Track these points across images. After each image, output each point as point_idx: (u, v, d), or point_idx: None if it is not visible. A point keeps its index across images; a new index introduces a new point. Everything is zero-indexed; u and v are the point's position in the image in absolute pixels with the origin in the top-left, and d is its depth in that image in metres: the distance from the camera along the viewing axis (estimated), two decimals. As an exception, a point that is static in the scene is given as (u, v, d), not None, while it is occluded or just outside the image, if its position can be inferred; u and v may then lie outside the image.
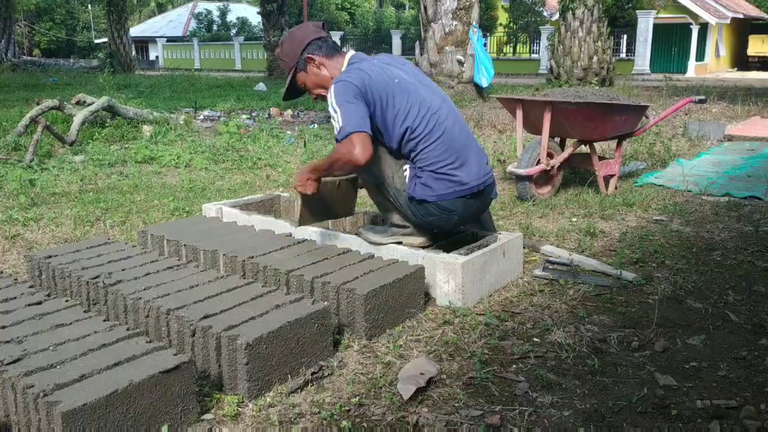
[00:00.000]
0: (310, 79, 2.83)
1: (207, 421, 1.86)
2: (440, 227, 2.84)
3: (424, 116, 2.68)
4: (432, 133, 2.68)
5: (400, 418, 1.88)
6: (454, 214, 2.76)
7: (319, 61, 2.80)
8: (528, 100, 4.69)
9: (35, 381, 1.68)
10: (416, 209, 2.76)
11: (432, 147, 2.68)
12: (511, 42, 29.05)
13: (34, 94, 11.39)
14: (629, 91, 12.07)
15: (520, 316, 2.58)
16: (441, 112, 2.73)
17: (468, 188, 2.73)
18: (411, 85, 2.74)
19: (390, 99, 2.65)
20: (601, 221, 4.00)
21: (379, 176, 2.78)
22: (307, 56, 2.79)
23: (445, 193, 2.70)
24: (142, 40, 37.53)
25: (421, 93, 2.73)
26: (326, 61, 2.80)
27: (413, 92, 2.71)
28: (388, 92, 2.65)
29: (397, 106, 2.66)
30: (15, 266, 3.26)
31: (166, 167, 5.90)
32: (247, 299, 2.23)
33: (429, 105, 2.71)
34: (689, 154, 6.49)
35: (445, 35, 11.08)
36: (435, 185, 2.70)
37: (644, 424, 1.84)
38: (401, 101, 2.67)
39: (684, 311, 2.62)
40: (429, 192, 2.70)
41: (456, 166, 2.71)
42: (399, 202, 2.80)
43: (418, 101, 2.69)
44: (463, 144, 2.76)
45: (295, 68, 2.83)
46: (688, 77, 20.65)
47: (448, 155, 2.70)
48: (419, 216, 2.78)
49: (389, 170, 2.77)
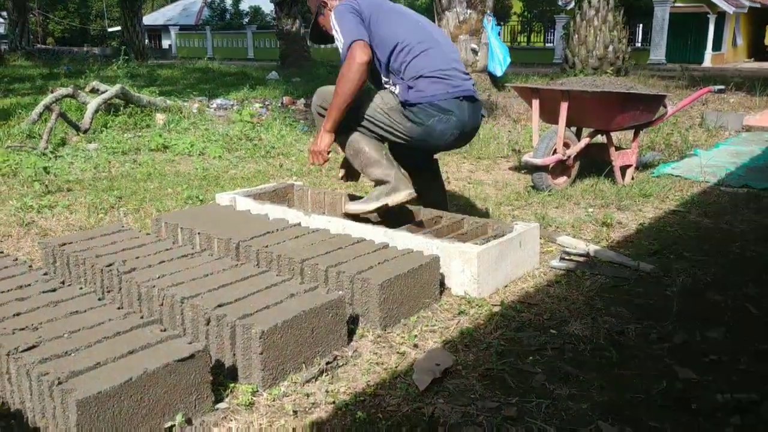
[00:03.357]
0: (327, 22, 3.04)
1: (221, 410, 1.85)
2: (442, 133, 2.89)
3: (416, 30, 2.92)
4: (422, 44, 2.87)
5: (415, 409, 1.86)
6: (452, 114, 2.87)
7: (331, 5, 3.03)
8: (545, 89, 4.64)
9: (50, 368, 1.67)
10: (414, 115, 2.86)
11: (423, 56, 2.86)
12: (525, 31, 28.81)
13: (48, 82, 11.42)
14: (645, 81, 11.94)
15: (537, 308, 2.55)
16: (432, 30, 3.01)
17: (462, 89, 2.90)
18: (404, 10, 3.05)
19: (383, 14, 2.89)
20: (618, 212, 3.95)
21: (367, 117, 2.92)
22: (323, 1, 3.07)
23: (441, 93, 2.85)
24: (155, 28, 37.55)
25: (413, 16, 3.04)
26: (336, 3, 3.01)
27: (406, 14, 3.01)
28: (380, 11, 2.90)
29: (388, 21, 2.89)
30: (30, 253, 3.26)
31: (180, 155, 5.90)
32: (262, 288, 2.22)
33: (421, 23, 3.00)
34: (707, 144, 6.41)
35: (459, 24, 10.98)
36: (429, 87, 2.84)
37: (663, 417, 1.81)
38: (394, 17, 2.92)
39: (703, 303, 2.58)
40: (424, 94, 2.84)
41: (449, 73, 2.88)
42: (394, 123, 2.91)
43: (412, 20, 2.99)
44: (453, 59, 2.97)
45: (318, 12, 3.12)
46: (705, 67, 20.41)
47: (441, 63, 2.88)
48: (419, 121, 2.87)
49: (377, 100, 2.93)
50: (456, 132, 2.91)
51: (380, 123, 2.92)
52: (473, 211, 4.02)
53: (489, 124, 7.73)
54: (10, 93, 10.44)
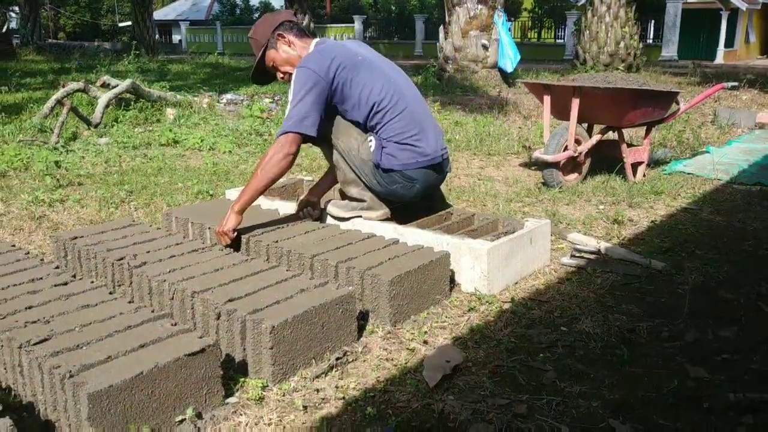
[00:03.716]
0: (280, 56, 2.95)
1: (231, 404, 1.86)
2: (402, 196, 2.95)
3: (388, 91, 2.82)
4: (396, 106, 2.83)
5: (425, 405, 1.85)
6: (416, 182, 2.90)
7: (289, 39, 2.93)
8: (556, 86, 4.62)
9: (61, 362, 1.68)
10: (381, 178, 2.89)
11: (396, 119, 2.83)
12: (535, 27, 28.67)
13: (60, 77, 11.46)
14: (657, 78, 11.86)
15: (547, 305, 2.54)
16: (403, 87, 2.90)
17: (429, 159, 2.88)
18: (374, 63, 2.89)
19: (355, 74, 2.79)
20: (629, 209, 3.93)
21: (345, 149, 2.90)
22: (278, 33, 2.92)
23: (409, 163, 2.85)
24: (165, 23, 37.61)
25: (383, 69, 2.90)
26: (296, 41, 2.94)
27: (377, 68, 2.87)
28: (354, 68, 2.79)
29: (363, 82, 2.80)
30: (41, 247, 3.28)
31: (190, 150, 5.92)
32: (272, 283, 2.22)
33: (392, 80, 2.88)
34: (719, 141, 6.36)
35: (469, 19, 10.93)
36: (399, 155, 2.84)
37: (675, 416, 1.80)
38: (366, 77, 2.81)
39: (715, 302, 2.56)
40: (395, 161, 2.84)
41: (418, 138, 2.86)
42: (364, 172, 2.91)
43: (382, 77, 2.85)
44: (423, 119, 2.92)
45: (266, 47, 2.94)
46: (717, 64, 20.23)
47: (411, 127, 2.85)
48: (383, 184, 2.90)
49: (355, 143, 2.89)
50: (418, 194, 2.97)
51: (353, 164, 2.92)
52: (483, 207, 4.00)
53: (499, 120, 7.70)
54: (22, 87, 10.48)
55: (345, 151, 2.90)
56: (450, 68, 11.23)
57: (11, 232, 3.51)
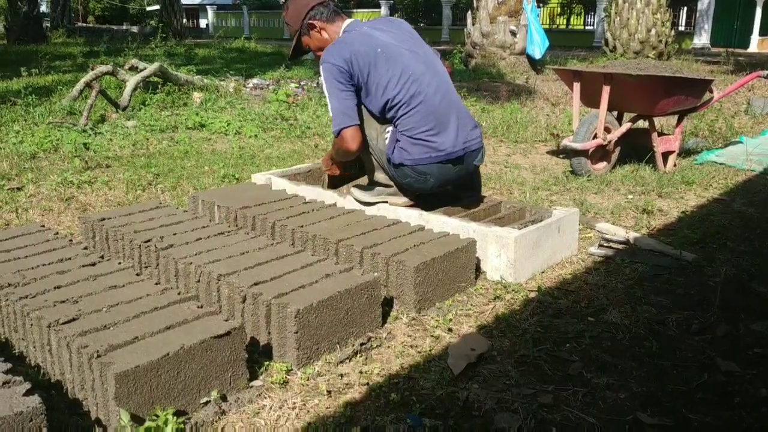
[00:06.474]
0: (313, 42, 3.01)
1: (256, 387, 1.86)
2: (418, 189, 2.94)
3: (404, 85, 2.77)
4: (411, 100, 2.78)
5: (450, 393, 1.84)
6: (429, 177, 2.86)
7: (320, 27, 2.96)
8: (586, 72, 4.54)
9: (89, 341, 1.69)
10: (394, 171, 2.90)
11: (410, 113, 2.79)
12: (564, 13, 28.26)
13: (89, 60, 11.57)
14: (689, 66, 11.63)
15: (575, 294, 2.51)
16: (423, 79, 2.81)
17: (444, 154, 2.82)
18: (395, 52, 2.82)
19: (372, 69, 2.77)
20: (659, 199, 3.86)
21: (368, 137, 2.90)
22: (309, 22, 2.95)
23: (421, 158, 2.81)
24: (192, 8, 37.72)
25: (404, 60, 2.81)
26: (327, 26, 2.96)
27: (396, 60, 2.79)
28: (370, 63, 2.76)
29: (379, 76, 2.77)
30: (70, 227, 3.32)
31: (216, 134, 5.94)
32: (297, 267, 2.22)
33: (410, 73, 2.80)
34: (753, 132, 6.22)
35: (498, 5, 10.80)
36: (411, 150, 2.81)
37: (704, 411, 1.77)
38: (382, 72, 2.77)
39: (747, 295, 2.51)
40: (406, 156, 2.82)
41: (434, 132, 2.80)
42: (382, 162, 2.94)
43: (399, 70, 2.78)
44: (444, 112, 2.83)
45: (299, 32, 3.00)
46: (751, 52, 19.77)
47: (426, 122, 2.79)
48: (396, 177, 2.92)
49: (374, 132, 2.89)
50: (434, 188, 2.93)
51: (374, 153, 2.95)
52: (510, 195, 3.96)
53: (526, 107, 7.61)
54: (52, 70, 10.60)
55: (369, 139, 2.90)
56: (477, 54, 11.12)
57: (41, 212, 3.55)
